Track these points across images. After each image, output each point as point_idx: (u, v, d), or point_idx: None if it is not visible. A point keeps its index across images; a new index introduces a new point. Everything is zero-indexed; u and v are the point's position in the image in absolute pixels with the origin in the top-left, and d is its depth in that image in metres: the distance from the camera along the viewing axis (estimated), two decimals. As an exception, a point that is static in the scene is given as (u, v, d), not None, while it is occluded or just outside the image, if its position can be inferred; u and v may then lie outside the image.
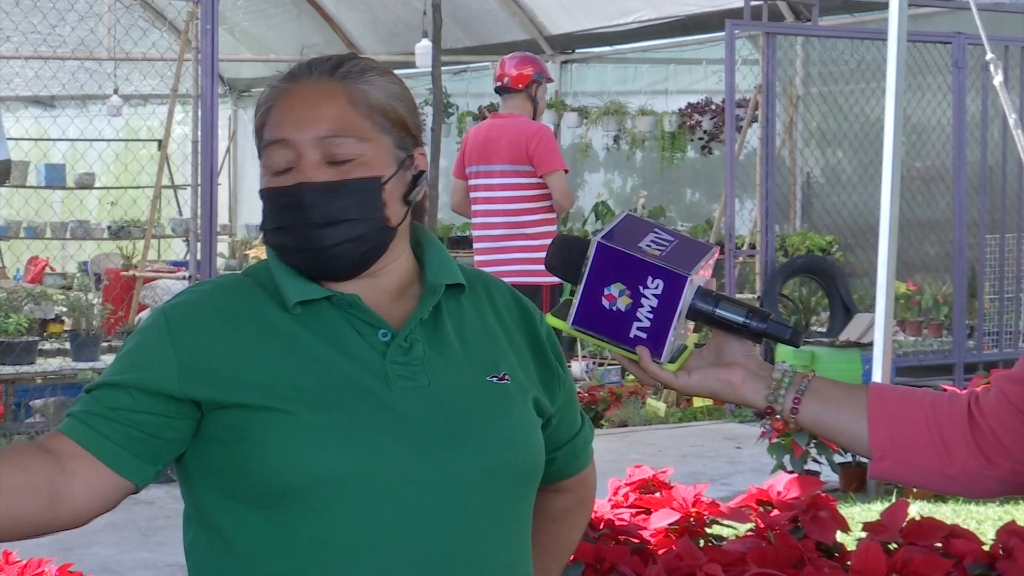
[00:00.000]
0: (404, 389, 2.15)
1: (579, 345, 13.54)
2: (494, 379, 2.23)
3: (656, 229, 2.15)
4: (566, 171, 8.54)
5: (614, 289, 2.10)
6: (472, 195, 8.66)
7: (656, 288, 2.09)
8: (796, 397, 2.15)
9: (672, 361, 2.15)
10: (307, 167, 2.18)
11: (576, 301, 2.13)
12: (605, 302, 2.11)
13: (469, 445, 2.15)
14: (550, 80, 9.09)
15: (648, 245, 2.11)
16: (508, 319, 2.35)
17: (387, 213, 2.23)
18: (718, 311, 2.14)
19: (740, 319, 2.14)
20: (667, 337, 2.11)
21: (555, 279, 8.33)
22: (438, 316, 2.24)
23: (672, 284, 2.08)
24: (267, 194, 2.22)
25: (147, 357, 2.16)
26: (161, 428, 2.14)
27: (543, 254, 2.25)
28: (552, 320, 2.18)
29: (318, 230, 2.19)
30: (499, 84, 8.78)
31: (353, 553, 2.07)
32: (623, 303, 2.10)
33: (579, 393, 11.89)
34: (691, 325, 2.19)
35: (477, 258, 8.65)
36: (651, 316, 2.10)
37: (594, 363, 13.43)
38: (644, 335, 2.11)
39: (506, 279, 8.54)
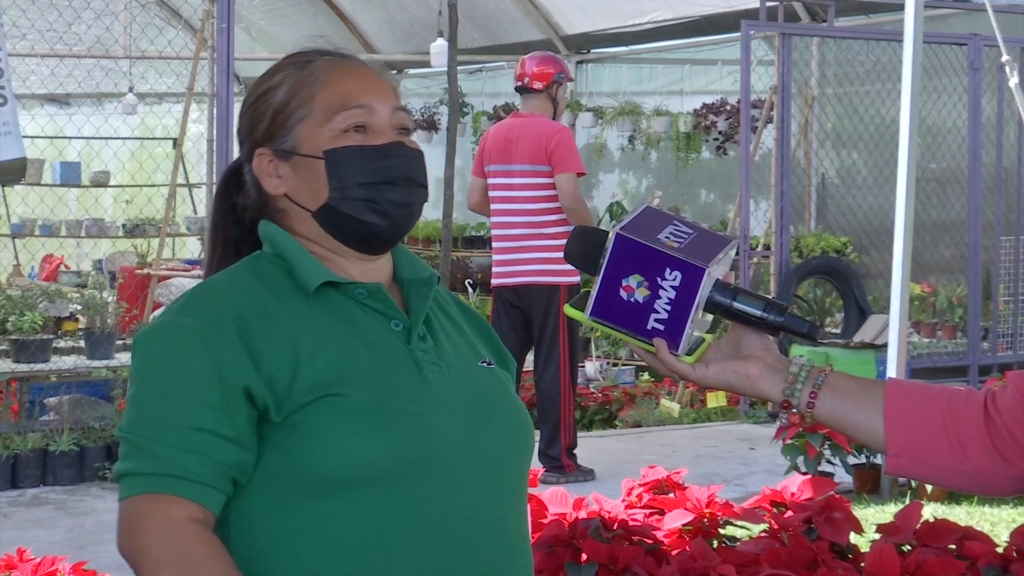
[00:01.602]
0: (433, 373, 2.21)
1: (592, 345, 13.54)
2: (483, 364, 2.33)
3: (675, 221, 2.15)
4: (581, 174, 8.51)
5: (632, 280, 2.10)
6: (491, 194, 8.65)
7: (674, 280, 2.09)
8: (813, 391, 2.15)
9: (690, 353, 2.15)
10: (387, 131, 2.27)
11: (594, 292, 2.13)
12: (623, 293, 2.11)
13: (493, 423, 2.23)
14: (571, 80, 9.06)
15: (667, 237, 2.11)
16: (455, 314, 2.42)
17: None
18: (736, 304, 2.14)
19: (758, 312, 2.14)
20: (684, 329, 2.11)
21: (573, 279, 8.34)
22: None
23: (690, 276, 2.08)
24: (366, 150, 2.24)
25: (205, 381, 2.09)
26: (249, 469, 2.12)
27: (562, 254, 2.26)
28: (570, 311, 2.19)
29: (417, 188, 2.28)
30: (519, 84, 8.76)
31: (415, 535, 2.10)
32: (641, 294, 2.10)
33: (593, 393, 11.99)
34: (709, 317, 2.19)
35: (495, 257, 8.65)
36: (669, 308, 2.10)
37: (608, 363, 13.43)
38: (662, 327, 2.11)
39: (524, 279, 8.50)
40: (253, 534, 2.12)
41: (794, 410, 2.17)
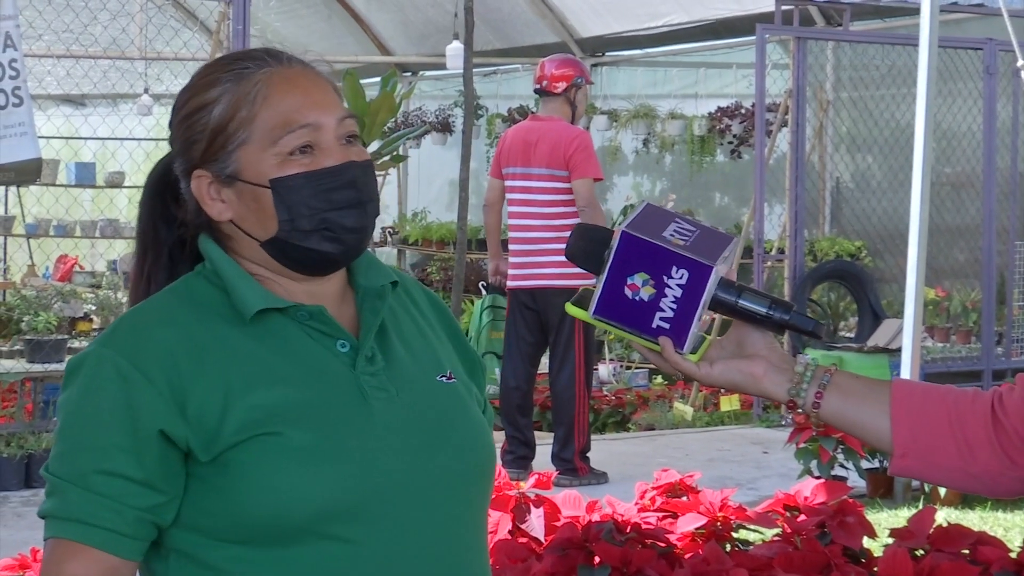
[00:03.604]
0: (380, 401, 2.07)
1: (606, 348, 13.54)
2: (443, 379, 2.17)
3: (677, 219, 2.13)
4: (599, 179, 8.52)
5: (638, 279, 2.09)
6: (509, 196, 8.65)
7: (680, 278, 2.07)
8: (818, 391, 2.14)
9: (693, 352, 2.13)
10: (335, 148, 2.09)
11: (598, 290, 2.12)
12: (628, 292, 2.10)
13: (444, 452, 2.09)
14: (590, 83, 9.04)
15: (672, 235, 2.09)
16: (428, 313, 2.27)
17: None
18: (741, 302, 2.13)
19: (763, 310, 2.13)
20: (690, 328, 2.09)
21: (589, 282, 8.34)
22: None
23: (697, 274, 2.07)
24: (315, 176, 2.07)
25: (117, 422, 1.98)
26: (168, 511, 2.01)
27: None
28: (573, 310, 2.17)
29: (369, 206, 2.11)
30: (538, 86, 8.74)
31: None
32: (646, 293, 2.09)
33: (606, 396, 11.98)
34: (711, 315, 2.17)
35: (512, 259, 8.66)
36: (674, 306, 2.08)
37: (621, 366, 13.42)
38: (667, 325, 2.10)
39: (540, 282, 8.50)
40: (197, 568, 2.03)
41: (799, 410, 2.16)
